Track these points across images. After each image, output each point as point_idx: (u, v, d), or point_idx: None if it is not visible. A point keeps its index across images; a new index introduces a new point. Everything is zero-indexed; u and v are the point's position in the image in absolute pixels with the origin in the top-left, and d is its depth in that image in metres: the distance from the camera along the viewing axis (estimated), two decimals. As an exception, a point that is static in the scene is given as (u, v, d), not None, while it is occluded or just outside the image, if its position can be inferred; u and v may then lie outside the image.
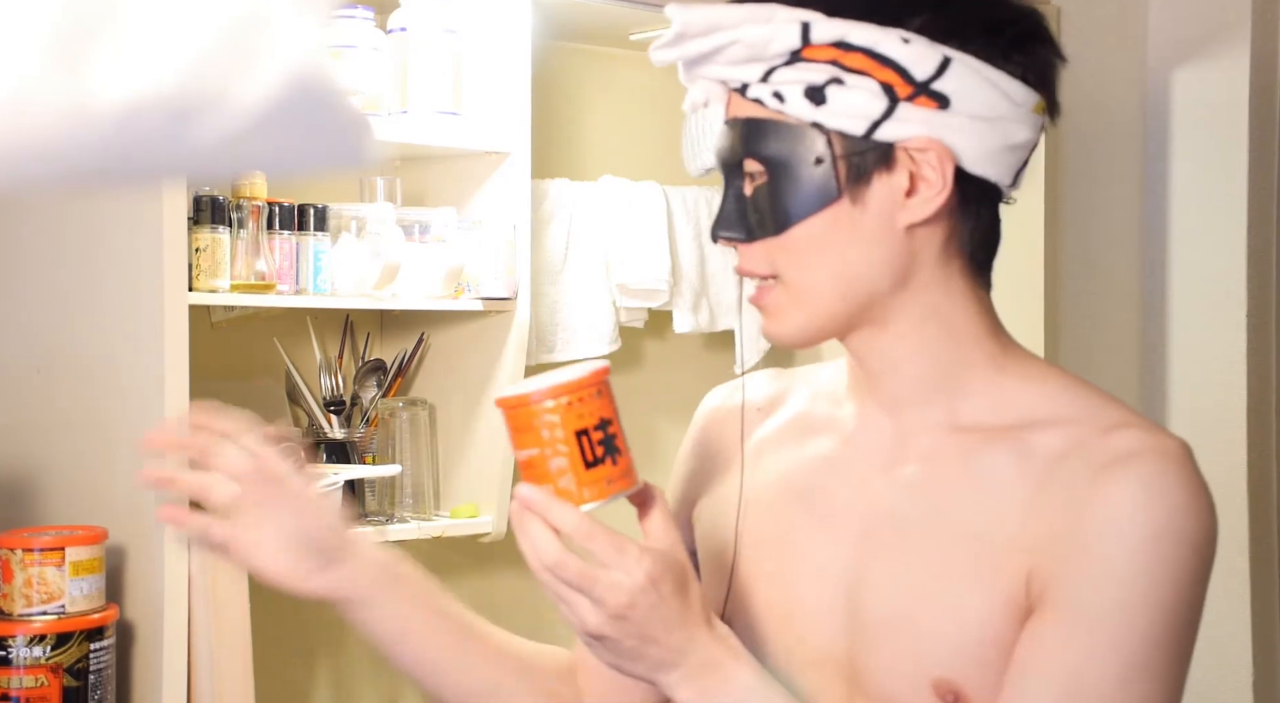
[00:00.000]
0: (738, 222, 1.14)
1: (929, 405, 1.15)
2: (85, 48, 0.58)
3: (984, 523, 1.10)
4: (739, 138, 1.12)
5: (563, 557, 1.03)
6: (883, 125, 1.09)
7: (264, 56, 0.60)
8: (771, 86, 1.10)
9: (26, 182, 0.61)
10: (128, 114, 0.59)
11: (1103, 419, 1.11)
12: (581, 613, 1.04)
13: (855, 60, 1.08)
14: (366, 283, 2.28)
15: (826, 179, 1.10)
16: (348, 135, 0.65)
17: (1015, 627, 1.07)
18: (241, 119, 0.60)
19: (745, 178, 1.13)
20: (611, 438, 1.05)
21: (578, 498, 1.04)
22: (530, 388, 1.04)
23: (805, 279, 1.12)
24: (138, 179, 0.83)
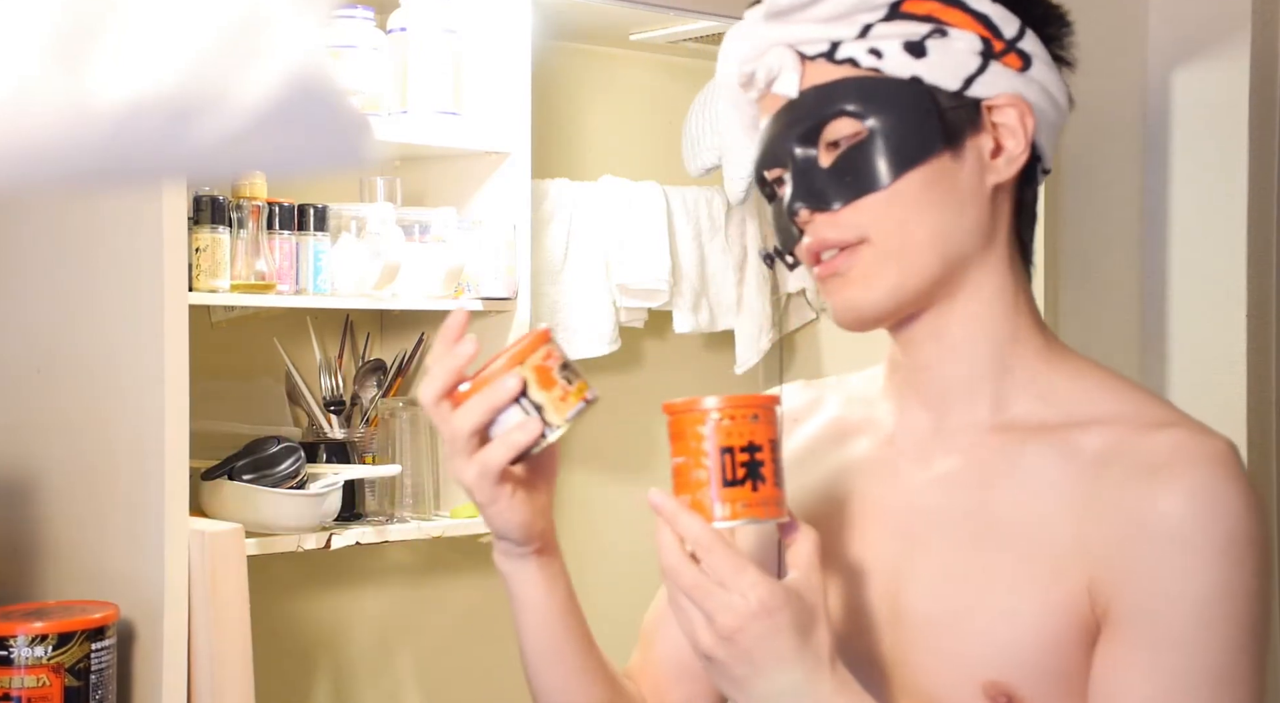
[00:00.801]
0: (825, 190, 1.11)
1: (975, 401, 1.15)
2: (85, 48, 0.58)
3: (1032, 523, 1.09)
4: (822, 103, 1.10)
5: (681, 564, 1.02)
6: (976, 81, 1.10)
7: (264, 56, 0.60)
8: (869, 43, 1.09)
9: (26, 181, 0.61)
10: (128, 114, 0.59)
11: (1145, 417, 1.10)
12: (695, 627, 1.02)
13: (953, 15, 1.09)
14: (366, 283, 2.28)
15: (929, 131, 1.09)
16: (348, 135, 0.65)
17: (1076, 635, 1.07)
18: (241, 119, 0.60)
19: (821, 148, 1.11)
20: (757, 464, 1.04)
21: (709, 513, 1.03)
22: (695, 399, 1.05)
23: (903, 236, 1.10)
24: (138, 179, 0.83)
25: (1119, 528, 1.06)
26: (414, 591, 2.73)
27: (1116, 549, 1.05)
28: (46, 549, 2.14)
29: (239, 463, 2.25)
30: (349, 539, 2.32)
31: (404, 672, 2.74)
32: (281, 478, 2.25)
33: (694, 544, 1.02)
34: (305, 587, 2.59)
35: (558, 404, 1.08)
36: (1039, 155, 1.15)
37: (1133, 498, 1.06)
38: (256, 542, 2.18)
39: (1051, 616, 1.07)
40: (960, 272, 1.12)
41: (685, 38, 2.82)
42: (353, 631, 2.66)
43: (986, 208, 1.12)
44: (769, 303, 2.99)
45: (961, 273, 1.12)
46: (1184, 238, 2.80)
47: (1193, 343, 2.79)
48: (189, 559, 2.00)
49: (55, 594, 2.11)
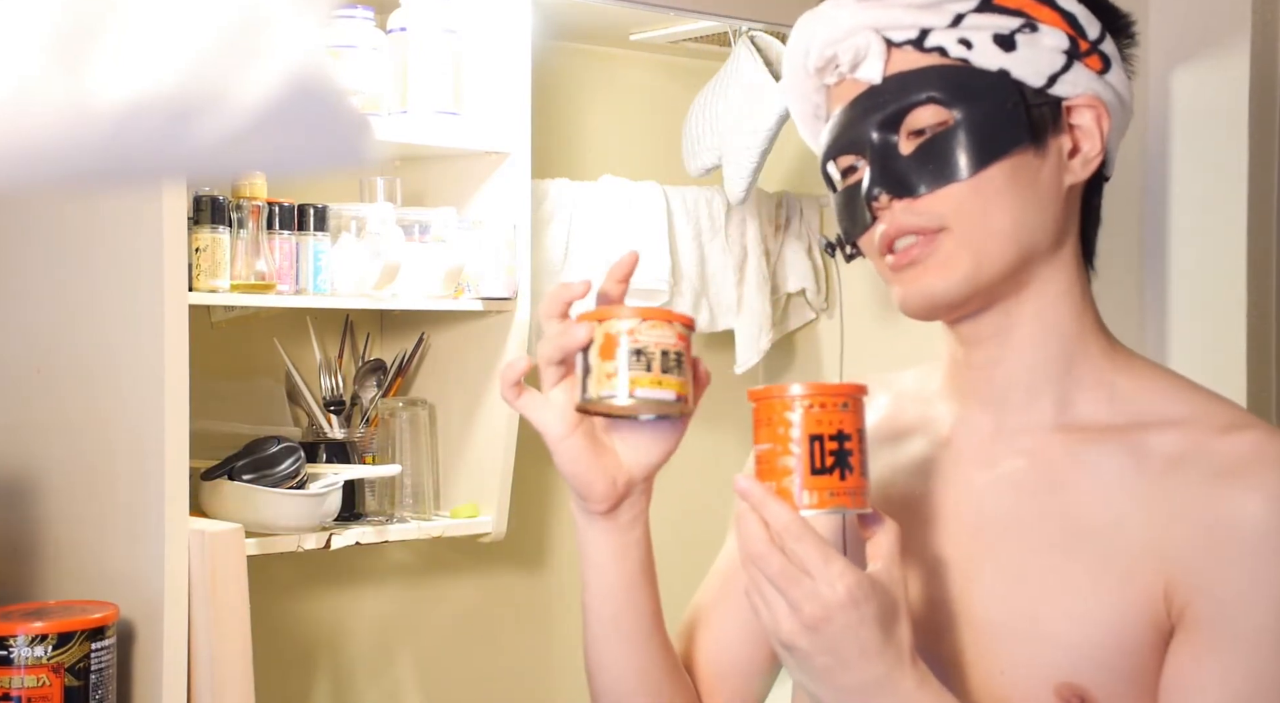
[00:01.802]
0: (908, 177, 1.10)
1: (1038, 402, 1.14)
2: (85, 48, 0.58)
3: (1102, 525, 1.09)
4: (907, 90, 1.10)
5: (768, 551, 1.00)
6: (1059, 80, 1.10)
7: (264, 56, 0.60)
8: (959, 33, 1.09)
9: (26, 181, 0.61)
10: (128, 114, 0.59)
11: (1217, 419, 1.09)
12: (778, 615, 1.01)
13: (1043, 12, 1.09)
14: (366, 283, 2.28)
15: (1016, 124, 1.09)
16: (348, 135, 0.65)
17: (1151, 637, 1.06)
18: (241, 119, 0.60)
19: (902, 136, 1.11)
20: (846, 453, 1.02)
21: (796, 501, 1.02)
22: (783, 386, 1.04)
23: (984, 225, 1.09)
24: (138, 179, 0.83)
25: (1195, 530, 1.05)
26: (414, 591, 2.73)
27: (1193, 552, 1.05)
28: (46, 549, 2.14)
29: (239, 463, 2.25)
30: (349, 539, 2.32)
31: (404, 672, 2.74)
32: (281, 478, 2.25)
33: (781, 532, 1.00)
34: (305, 587, 2.59)
35: (599, 380, 1.07)
36: (1107, 159, 1.15)
37: (1209, 500, 1.05)
38: (256, 542, 2.18)
39: (1125, 618, 1.06)
40: (1032, 267, 1.12)
41: (685, 38, 2.82)
42: (353, 631, 2.66)
43: (1062, 207, 1.12)
44: (769, 303, 2.99)
45: (1033, 269, 1.12)
46: (1184, 238, 2.80)
47: (1193, 343, 2.78)
48: (189, 559, 2.00)
49: (55, 594, 2.11)
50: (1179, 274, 2.81)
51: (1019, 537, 1.11)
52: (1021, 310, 1.13)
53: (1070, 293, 1.14)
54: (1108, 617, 1.06)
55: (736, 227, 2.95)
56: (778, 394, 1.04)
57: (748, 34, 2.71)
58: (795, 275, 3.07)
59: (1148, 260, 2.85)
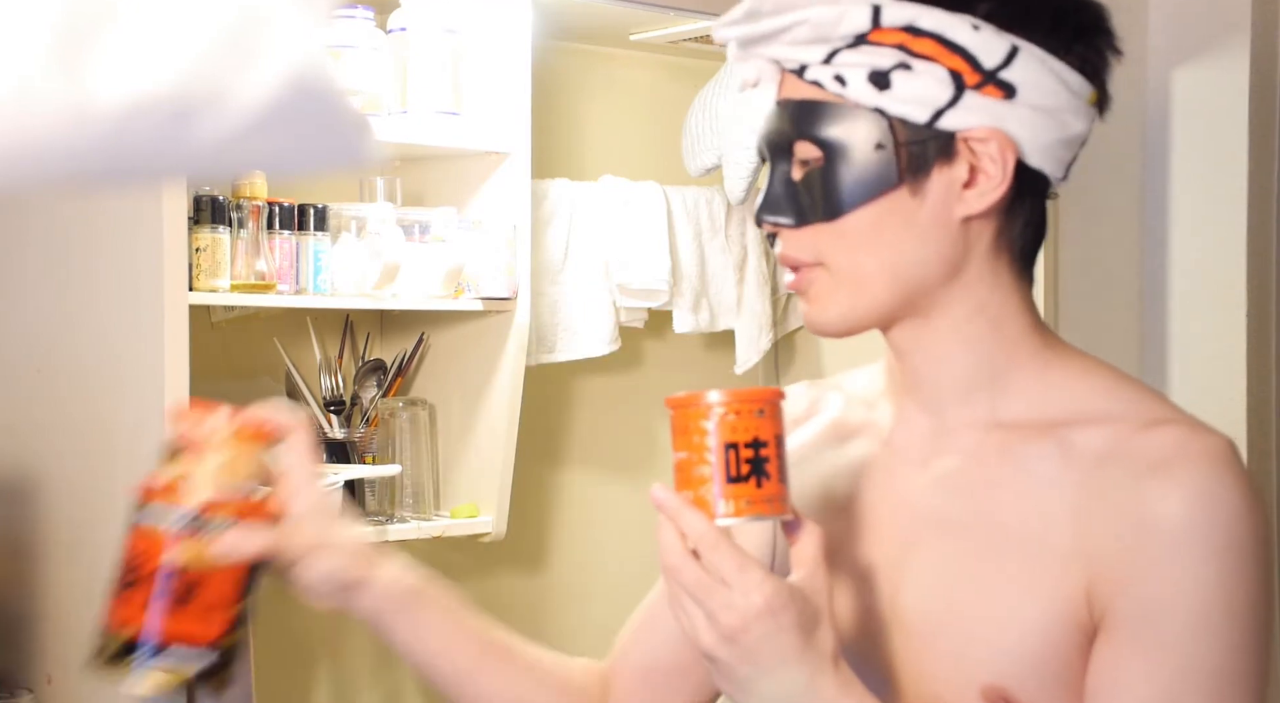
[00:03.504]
0: (786, 206, 1.10)
1: (970, 403, 1.13)
2: (85, 48, 0.58)
3: (1031, 526, 1.08)
4: (791, 120, 1.09)
5: (683, 562, 1.00)
6: (946, 114, 1.07)
7: (264, 56, 0.60)
8: (834, 69, 1.07)
9: (26, 181, 0.61)
10: (128, 114, 0.59)
11: (1141, 416, 1.08)
12: (697, 626, 1.00)
13: (924, 46, 1.06)
14: (366, 283, 2.28)
15: (886, 166, 1.07)
16: (348, 135, 0.65)
17: (1075, 638, 1.06)
18: (241, 119, 0.60)
19: (794, 162, 1.10)
20: (762, 460, 1.01)
21: (712, 510, 1.01)
22: (698, 393, 1.03)
23: (854, 267, 1.09)
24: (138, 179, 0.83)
25: (1117, 528, 1.05)
26: (414, 591, 2.73)
27: (1115, 550, 1.05)
28: (46, 549, 2.14)
29: (239, 463, 2.25)
30: (349, 539, 2.32)
31: (404, 672, 2.74)
32: (281, 478, 2.24)
33: (697, 541, 1.00)
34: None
35: None
36: (1038, 177, 1.12)
37: (1131, 498, 1.05)
38: (256, 542, 2.17)
39: (1051, 617, 1.06)
40: (923, 297, 1.11)
41: (685, 38, 2.81)
42: (353, 631, 2.66)
43: (952, 239, 1.10)
44: (769, 303, 2.99)
45: (927, 297, 1.11)
46: (1184, 238, 2.79)
47: (1193, 343, 2.78)
48: (189, 559, 2.00)
49: (55, 594, 2.11)
50: (1179, 274, 2.81)
51: (949, 537, 1.11)
52: (932, 327, 1.12)
53: (981, 312, 1.12)
54: (1032, 618, 1.06)
55: (736, 227, 2.95)
56: (693, 402, 1.03)
57: (748, 34, 2.71)
58: (795, 275, 3.06)
59: (1148, 260, 2.85)
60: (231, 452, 1.13)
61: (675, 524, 1.01)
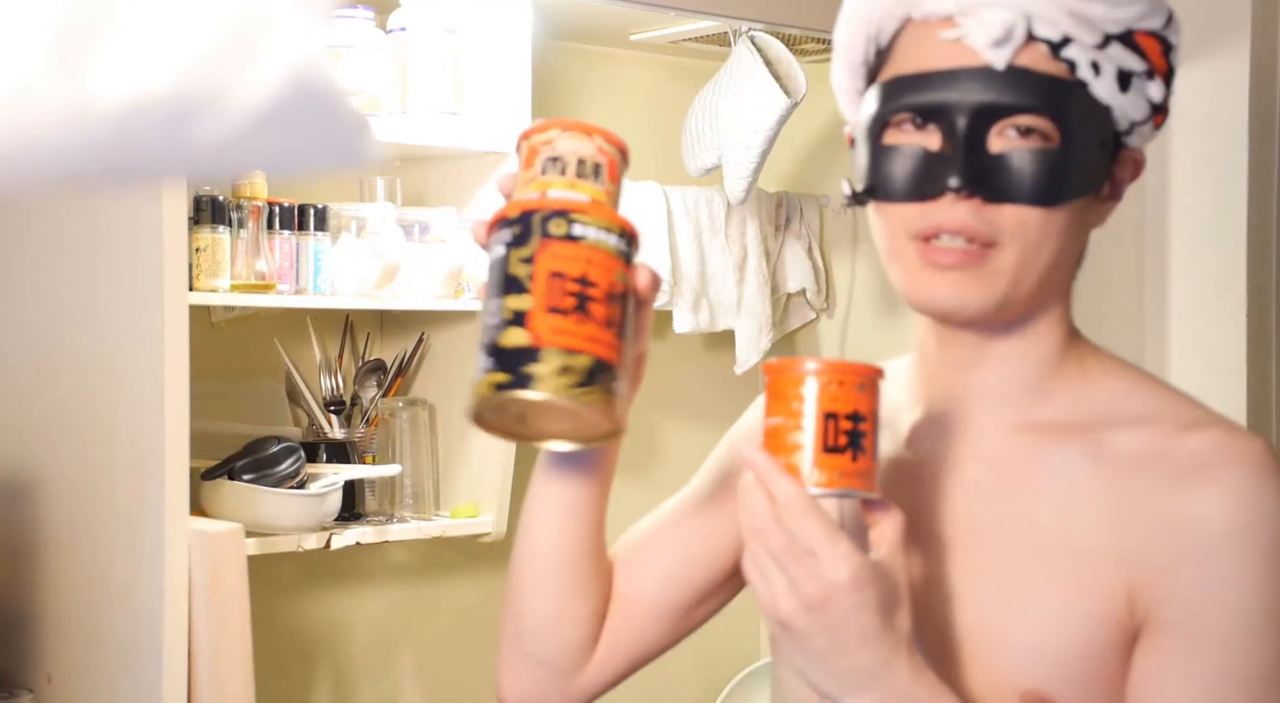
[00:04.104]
0: (988, 179, 1.04)
1: (1006, 404, 1.12)
2: (85, 48, 0.58)
3: (1065, 528, 1.07)
4: (1026, 89, 1.04)
5: (772, 526, 0.97)
6: (1137, 129, 1.09)
7: (264, 56, 0.60)
8: (1097, 55, 1.05)
9: (26, 182, 0.61)
10: (128, 115, 0.59)
11: (1177, 418, 1.08)
12: (777, 592, 0.97)
13: (1162, 65, 1.09)
14: (366, 283, 2.28)
15: (1102, 165, 1.08)
16: (348, 135, 0.65)
17: (1114, 640, 1.05)
18: (241, 119, 0.60)
19: (995, 132, 1.05)
20: (860, 434, 0.99)
21: (805, 478, 0.99)
22: (800, 358, 1.01)
23: (1037, 254, 1.06)
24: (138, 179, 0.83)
25: (1158, 531, 1.04)
26: (414, 591, 2.73)
27: (1156, 553, 1.04)
28: (46, 549, 2.14)
29: (239, 463, 2.25)
30: (349, 539, 2.32)
31: (404, 672, 2.74)
32: (281, 478, 2.25)
33: (786, 507, 0.97)
34: (305, 587, 2.59)
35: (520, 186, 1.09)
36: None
37: (1171, 500, 1.04)
38: (256, 542, 2.18)
39: (1089, 621, 1.05)
40: (1042, 298, 1.11)
41: (685, 38, 2.81)
42: (353, 631, 2.66)
43: (1084, 245, 1.13)
44: (769, 303, 2.99)
45: (1042, 299, 1.11)
46: (1184, 238, 2.79)
47: (1193, 343, 2.78)
48: (189, 559, 2.00)
49: (55, 594, 2.11)
50: (1179, 274, 2.81)
51: (980, 540, 1.10)
52: (1016, 328, 1.11)
53: (1061, 317, 1.13)
54: (1070, 620, 1.05)
55: (736, 227, 2.95)
56: (795, 367, 1.00)
57: (748, 34, 2.71)
58: (795, 275, 3.07)
59: (1148, 260, 2.85)
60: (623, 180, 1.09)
61: (765, 487, 0.98)
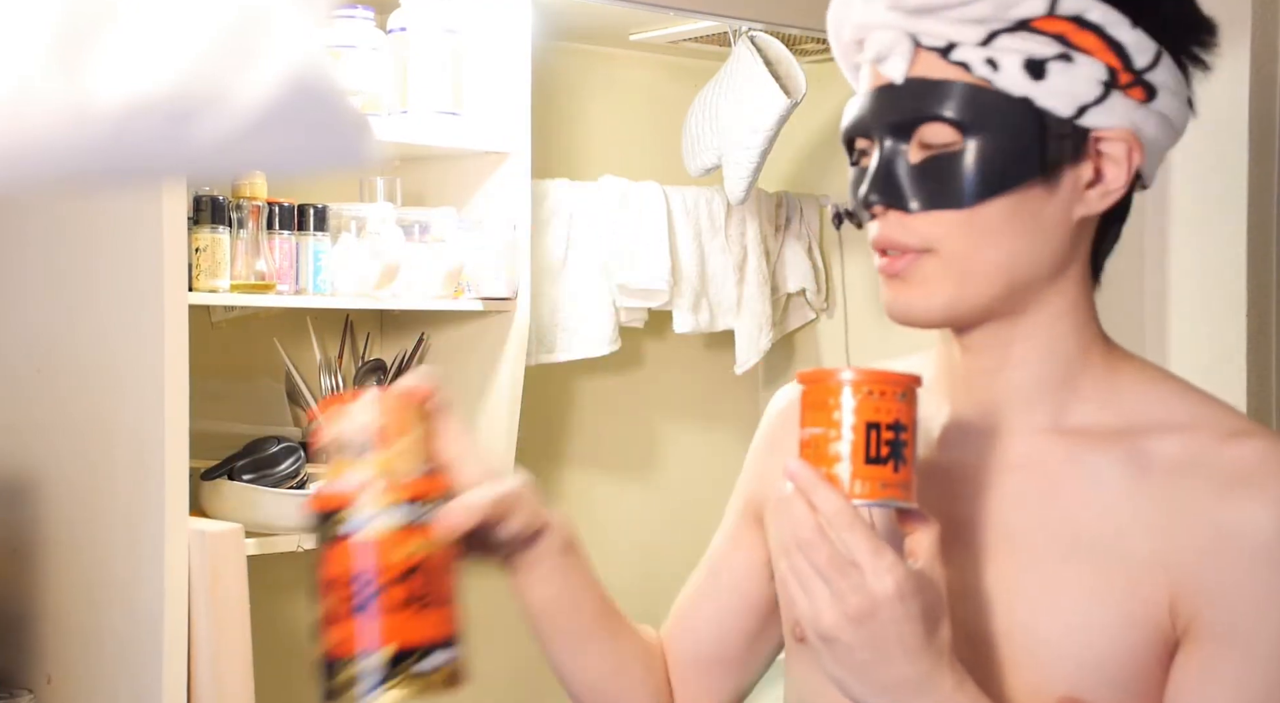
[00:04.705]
0: (906, 189, 1.05)
1: (1036, 407, 1.10)
2: (85, 48, 0.58)
3: (1103, 532, 1.06)
4: (924, 99, 1.05)
5: (817, 538, 0.96)
6: (1091, 110, 1.04)
7: (264, 56, 0.60)
8: (988, 52, 1.03)
9: (26, 181, 0.61)
10: (127, 115, 0.59)
11: (1220, 426, 1.07)
12: (819, 605, 0.96)
13: (1085, 39, 1.03)
14: (366, 283, 2.28)
15: (1027, 158, 1.04)
16: (348, 135, 0.65)
17: (1155, 648, 1.04)
18: (241, 119, 0.60)
19: (914, 144, 1.06)
20: (901, 444, 0.98)
21: (847, 489, 0.98)
22: (837, 368, 1.00)
23: (972, 257, 1.05)
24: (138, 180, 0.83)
25: (1202, 540, 1.03)
26: (414, 591, 2.73)
27: (1200, 562, 1.03)
28: (46, 549, 2.14)
29: (239, 463, 2.25)
30: (349, 539, 2.32)
31: (404, 672, 2.73)
32: (281, 478, 2.25)
33: (831, 519, 0.96)
34: (305, 587, 2.59)
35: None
36: (1144, 174, 1.11)
37: (1216, 509, 1.03)
38: (256, 542, 2.18)
39: (1129, 629, 1.04)
40: (1027, 293, 1.09)
41: (685, 38, 2.82)
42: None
43: (1067, 239, 1.08)
44: (769, 303, 2.99)
45: (1029, 294, 1.09)
46: (1184, 238, 2.79)
47: (1193, 343, 2.78)
48: (189, 559, 2.00)
49: (55, 594, 2.11)
50: (1179, 274, 2.81)
51: (1016, 546, 1.09)
52: (1017, 328, 1.10)
53: (1072, 312, 1.10)
54: (1110, 628, 1.04)
55: (736, 227, 2.95)
56: (834, 377, 0.99)
57: (748, 34, 2.71)
58: (795, 275, 3.07)
59: (1148, 260, 2.84)
60: (414, 430, 1.10)
61: (808, 498, 0.97)
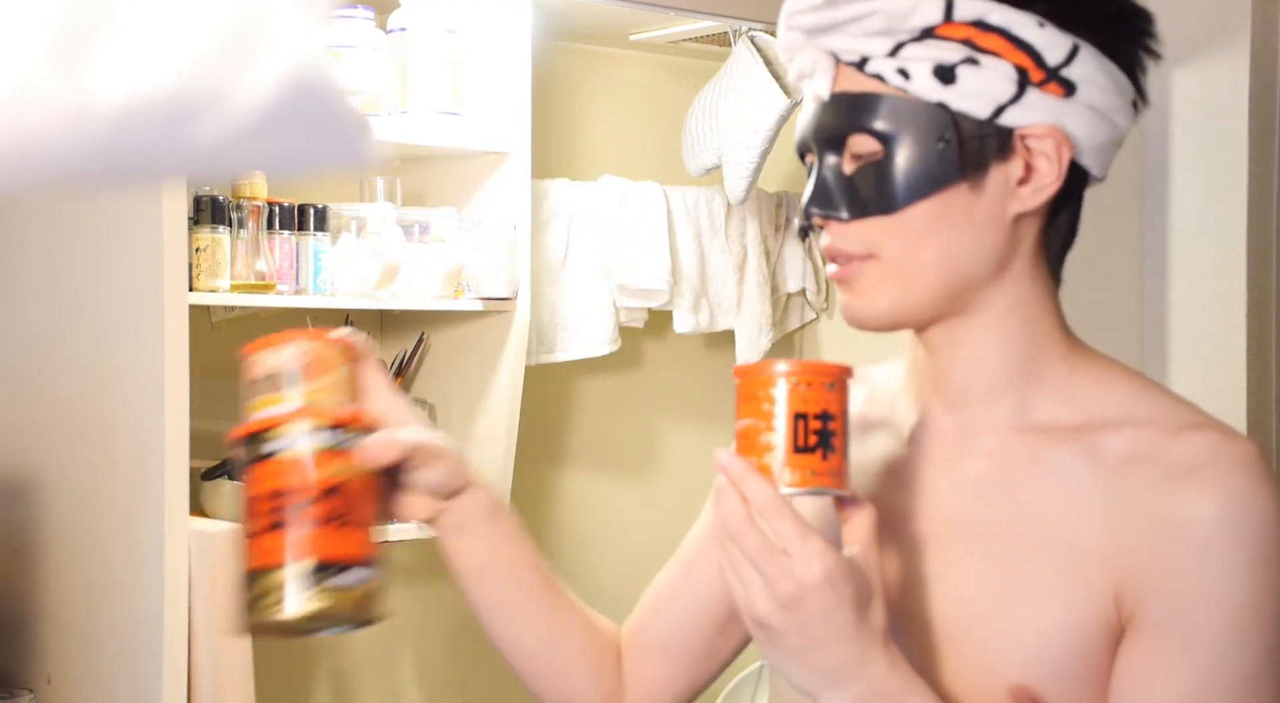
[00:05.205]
0: (838, 199, 1.10)
1: (998, 403, 1.13)
2: (85, 48, 0.58)
3: (1059, 527, 1.08)
4: (848, 113, 1.09)
5: (746, 527, 0.99)
6: (1008, 110, 1.07)
7: (264, 56, 0.60)
8: (897, 62, 1.07)
9: (26, 182, 0.61)
10: (127, 115, 0.59)
11: (1175, 420, 1.09)
12: (752, 592, 1.00)
13: (991, 41, 1.06)
14: (366, 283, 2.28)
15: (947, 161, 1.07)
16: (348, 135, 0.65)
17: (1102, 639, 1.06)
18: (241, 119, 0.60)
19: (846, 156, 1.10)
20: (829, 433, 1.01)
21: (777, 478, 1.01)
22: (770, 361, 1.02)
23: (908, 260, 1.09)
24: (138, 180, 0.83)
25: (1148, 530, 1.05)
26: (414, 590, 2.73)
27: (1146, 552, 1.05)
28: (46, 549, 2.14)
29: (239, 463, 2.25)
30: (349, 539, 2.31)
31: (404, 672, 2.74)
32: (281, 478, 2.24)
33: (760, 508, 1.00)
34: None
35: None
36: (1083, 176, 1.13)
37: (1163, 500, 1.05)
38: (256, 542, 2.17)
39: (1078, 618, 1.06)
40: (970, 292, 1.11)
41: (685, 38, 2.82)
42: (353, 631, 2.66)
43: (1004, 235, 1.11)
44: (769, 303, 2.99)
45: (971, 293, 1.11)
46: (1184, 238, 2.80)
47: (1193, 343, 2.78)
48: (189, 559, 2.00)
49: (55, 595, 2.11)
50: (1179, 274, 2.81)
51: (976, 539, 1.11)
52: (968, 326, 1.13)
53: (1020, 308, 1.13)
54: (1061, 620, 1.06)
55: (736, 227, 2.95)
56: (764, 370, 1.02)
57: (748, 34, 2.72)
58: (795, 275, 3.07)
59: (1148, 260, 2.85)
60: (341, 368, 1.12)
61: (738, 489, 1.00)
